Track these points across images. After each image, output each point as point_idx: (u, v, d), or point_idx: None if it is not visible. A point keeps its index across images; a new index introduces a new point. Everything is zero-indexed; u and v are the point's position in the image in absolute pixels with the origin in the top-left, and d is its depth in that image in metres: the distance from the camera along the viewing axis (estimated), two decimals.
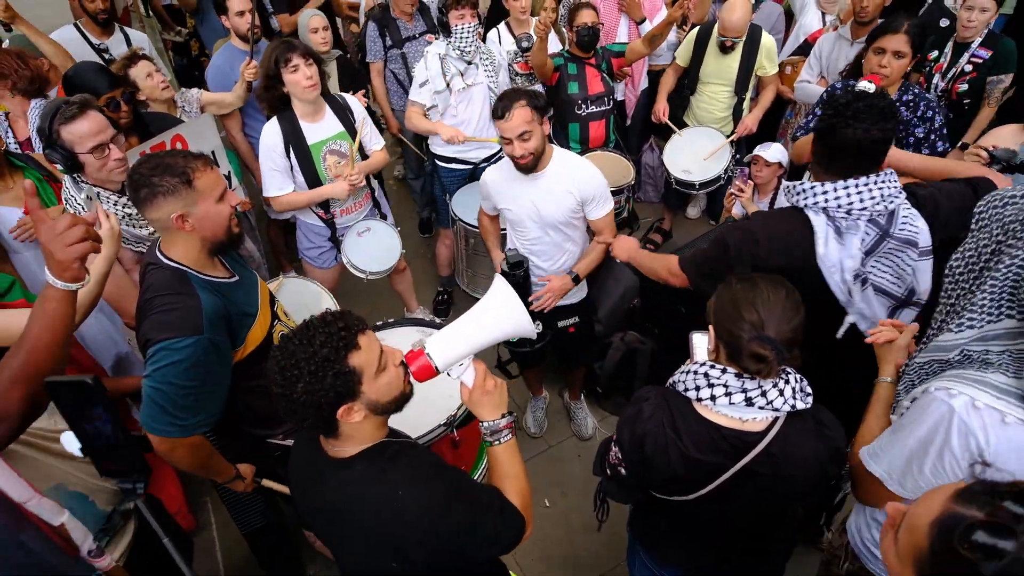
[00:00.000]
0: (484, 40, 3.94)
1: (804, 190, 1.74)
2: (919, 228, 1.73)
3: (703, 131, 3.76)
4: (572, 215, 2.48)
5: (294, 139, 2.74)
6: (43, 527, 1.06)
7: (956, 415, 1.18)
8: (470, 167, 3.52)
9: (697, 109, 3.84)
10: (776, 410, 1.41)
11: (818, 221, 1.72)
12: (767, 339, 1.35)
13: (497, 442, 1.47)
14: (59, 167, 2.15)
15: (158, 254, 1.72)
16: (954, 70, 3.44)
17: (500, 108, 2.25)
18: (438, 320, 2.49)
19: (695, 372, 1.47)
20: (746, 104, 3.77)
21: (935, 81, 3.49)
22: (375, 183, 3.19)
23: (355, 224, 3.05)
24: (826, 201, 1.70)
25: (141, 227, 2.35)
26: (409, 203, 4.80)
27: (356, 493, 1.32)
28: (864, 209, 1.68)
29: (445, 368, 1.40)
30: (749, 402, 1.40)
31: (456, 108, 3.31)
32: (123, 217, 2.28)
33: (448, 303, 4.04)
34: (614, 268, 3.44)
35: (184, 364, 1.59)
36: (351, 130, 2.90)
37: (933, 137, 2.56)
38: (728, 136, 3.69)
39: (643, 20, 3.95)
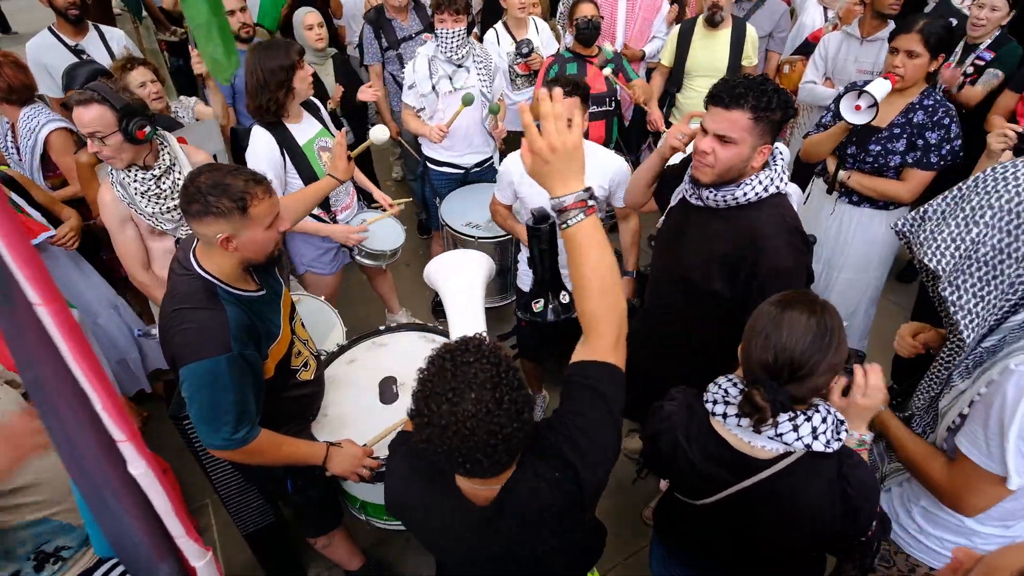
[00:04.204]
0: (481, 41, 3.93)
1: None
2: None
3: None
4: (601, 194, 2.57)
5: (287, 143, 2.66)
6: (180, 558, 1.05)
7: None
8: (461, 172, 3.49)
9: (685, 106, 3.76)
10: (787, 444, 1.32)
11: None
12: (770, 388, 1.25)
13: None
14: None
15: (192, 260, 1.66)
16: (959, 69, 3.41)
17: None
18: (440, 328, 2.50)
19: (720, 384, 1.43)
20: None
21: (939, 80, 3.45)
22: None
23: (352, 220, 3.03)
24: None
25: (166, 208, 2.30)
26: (408, 205, 4.78)
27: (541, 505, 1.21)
28: None
29: None
30: (757, 429, 1.31)
31: (444, 112, 3.24)
32: (147, 190, 2.23)
33: None
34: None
35: (218, 384, 1.57)
36: (326, 126, 2.87)
37: (946, 146, 2.50)
38: None
39: (643, 56, 4.02)
